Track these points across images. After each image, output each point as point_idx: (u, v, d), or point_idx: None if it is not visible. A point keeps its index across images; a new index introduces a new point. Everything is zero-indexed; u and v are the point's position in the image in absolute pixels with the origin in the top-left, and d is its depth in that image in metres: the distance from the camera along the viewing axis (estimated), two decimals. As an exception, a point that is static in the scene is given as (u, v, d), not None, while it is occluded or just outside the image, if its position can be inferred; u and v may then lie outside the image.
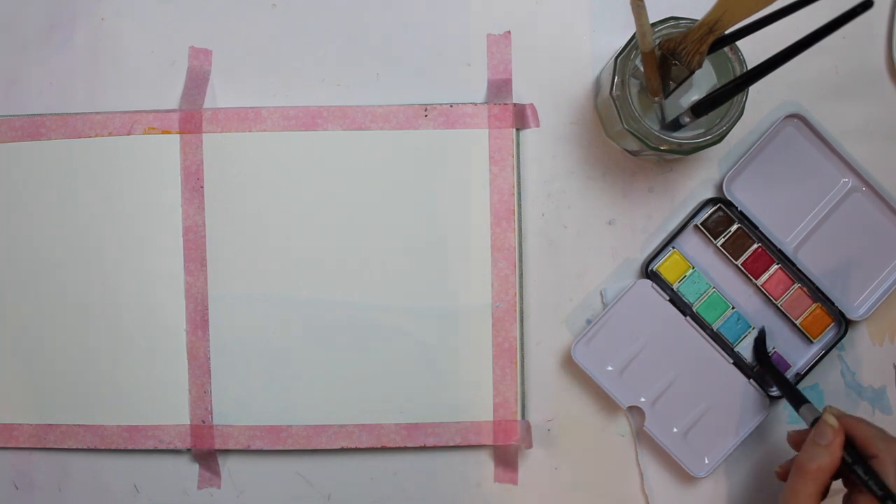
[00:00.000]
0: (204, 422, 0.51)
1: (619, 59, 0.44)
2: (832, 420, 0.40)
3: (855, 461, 0.39)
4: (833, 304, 0.50)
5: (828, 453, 0.39)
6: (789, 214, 0.51)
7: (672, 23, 0.43)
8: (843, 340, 0.50)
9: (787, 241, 0.51)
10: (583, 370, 0.50)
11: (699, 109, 0.44)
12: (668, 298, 0.50)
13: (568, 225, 0.52)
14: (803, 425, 0.51)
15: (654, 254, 0.50)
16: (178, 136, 0.50)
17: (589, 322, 0.51)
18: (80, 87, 0.52)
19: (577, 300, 0.51)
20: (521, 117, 0.51)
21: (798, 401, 0.44)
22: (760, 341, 0.50)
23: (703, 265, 0.51)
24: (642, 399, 0.50)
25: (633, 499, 0.52)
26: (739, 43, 0.42)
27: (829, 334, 0.51)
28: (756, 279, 0.50)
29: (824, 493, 0.40)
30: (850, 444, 0.40)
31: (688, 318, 0.50)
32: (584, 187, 0.51)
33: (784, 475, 0.43)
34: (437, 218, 0.50)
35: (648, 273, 0.50)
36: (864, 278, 0.51)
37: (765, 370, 0.49)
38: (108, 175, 0.51)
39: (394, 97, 0.51)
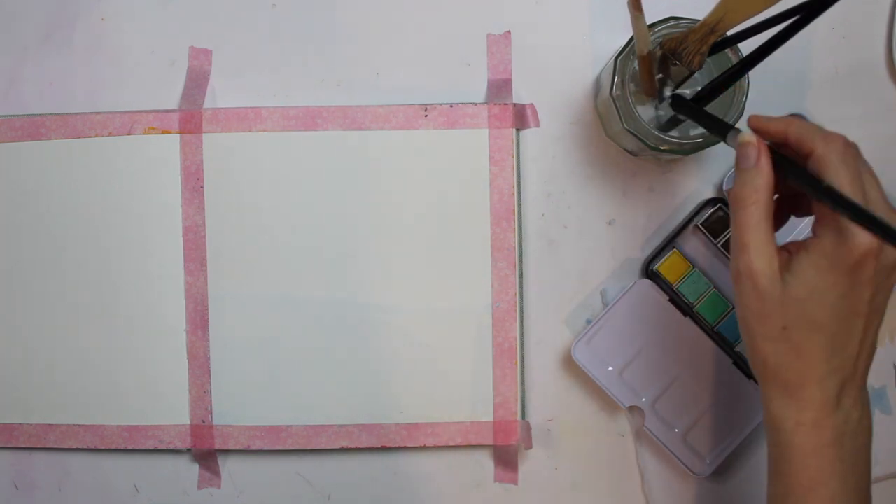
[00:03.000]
0: (204, 422, 0.51)
1: (618, 60, 0.44)
2: (748, 136, 0.35)
3: (787, 166, 0.34)
4: (833, 304, 0.50)
5: (757, 173, 0.34)
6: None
7: (672, 23, 0.43)
8: (843, 340, 0.50)
9: (787, 241, 0.50)
10: (583, 370, 0.50)
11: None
12: (668, 298, 0.50)
13: (568, 225, 0.52)
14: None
15: (654, 254, 0.50)
16: (178, 136, 0.50)
17: (589, 322, 0.51)
18: (80, 87, 0.52)
19: (577, 300, 0.51)
20: (521, 117, 0.51)
21: (722, 129, 0.37)
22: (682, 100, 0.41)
23: (703, 265, 0.51)
24: (642, 399, 0.50)
25: (633, 499, 0.52)
26: (741, 46, 0.42)
27: (829, 334, 0.51)
28: (756, 279, 0.50)
29: (773, 218, 0.36)
30: (783, 156, 0.35)
31: (688, 318, 0.50)
32: (584, 187, 0.51)
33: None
34: (437, 218, 0.50)
35: (648, 273, 0.50)
36: (864, 278, 0.51)
37: (680, 110, 0.41)
38: (108, 175, 0.51)
39: (394, 97, 0.51)
